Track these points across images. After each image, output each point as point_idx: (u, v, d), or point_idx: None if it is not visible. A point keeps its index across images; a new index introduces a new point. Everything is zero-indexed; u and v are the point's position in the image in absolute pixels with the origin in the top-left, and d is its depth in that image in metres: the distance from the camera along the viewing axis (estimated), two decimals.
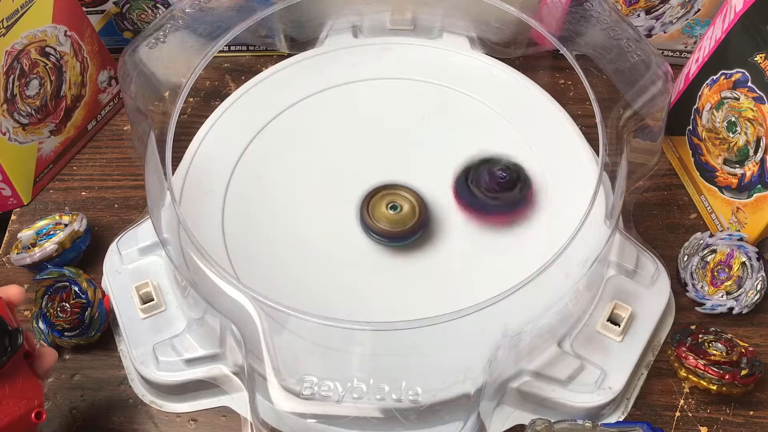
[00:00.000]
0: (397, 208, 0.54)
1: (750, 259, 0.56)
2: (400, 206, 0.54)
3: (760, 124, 0.54)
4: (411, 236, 0.54)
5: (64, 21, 0.62)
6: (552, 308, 0.48)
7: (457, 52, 0.66)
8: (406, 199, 0.55)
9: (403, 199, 0.55)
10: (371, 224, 0.54)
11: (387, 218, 0.54)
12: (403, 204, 0.55)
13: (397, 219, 0.54)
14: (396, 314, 0.47)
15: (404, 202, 0.55)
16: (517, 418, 0.52)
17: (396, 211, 0.54)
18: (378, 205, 0.55)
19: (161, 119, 0.56)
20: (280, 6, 0.62)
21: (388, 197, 0.55)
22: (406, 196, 0.55)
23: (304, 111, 0.62)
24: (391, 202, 0.55)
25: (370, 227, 0.54)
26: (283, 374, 0.46)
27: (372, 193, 0.55)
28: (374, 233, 0.54)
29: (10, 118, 0.60)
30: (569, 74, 0.70)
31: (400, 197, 0.55)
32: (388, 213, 0.54)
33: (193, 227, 0.51)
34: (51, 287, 0.55)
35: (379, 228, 0.54)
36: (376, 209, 0.54)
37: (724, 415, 0.52)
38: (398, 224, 0.54)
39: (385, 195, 0.55)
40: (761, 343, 0.56)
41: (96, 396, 0.54)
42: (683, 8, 0.67)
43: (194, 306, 0.52)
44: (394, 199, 0.55)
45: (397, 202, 0.55)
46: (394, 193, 0.55)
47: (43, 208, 0.64)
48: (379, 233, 0.54)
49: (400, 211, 0.54)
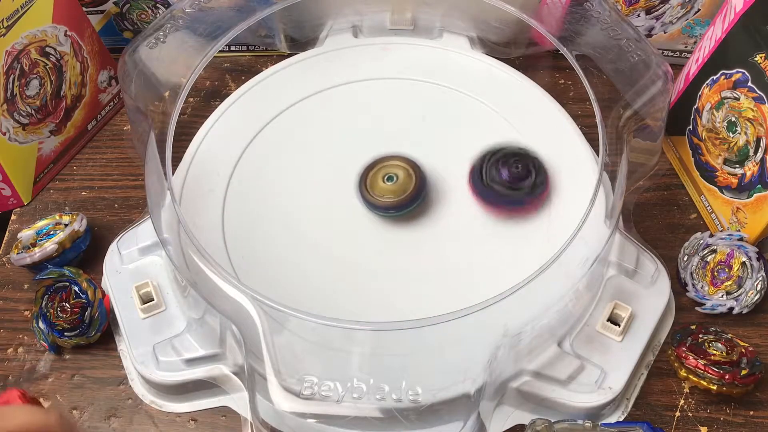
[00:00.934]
0: (393, 179, 0.55)
1: (750, 259, 0.56)
2: (396, 176, 0.55)
3: (760, 124, 0.54)
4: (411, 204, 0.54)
5: (64, 21, 0.62)
6: (552, 308, 0.48)
7: (457, 52, 0.66)
8: (401, 168, 0.55)
9: (398, 168, 0.55)
10: (372, 199, 0.54)
11: (385, 190, 0.54)
12: (399, 173, 0.55)
13: (395, 189, 0.54)
14: (396, 314, 0.47)
15: (400, 170, 0.55)
16: (517, 418, 0.52)
17: (393, 181, 0.55)
18: (375, 179, 0.55)
19: (161, 119, 0.56)
20: (280, 6, 0.62)
21: (383, 170, 0.56)
22: (402, 165, 0.56)
23: (304, 111, 0.62)
24: (386, 174, 0.55)
25: (371, 203, 0.54)
26: (283, 374, 0.46)
27: (366, 171, 0.56)
28: (377, 208, 0.55)
29: (10, 118, 0.60)
30: (569, 74, 0.70)
31: (394, 167, 0.56)
32: (385, 185, 0.55)
33: (193, 227, 0.51)
34: (51, 287, 0.55)
35: (381, 201, 0.54)
36: (374, 184, 0.55)
37: (724, 415, 0.52)
38: (396, 194, 0.54)
39: (380, 169, 0.56)
40: (761, 343, 0.56)
41: (96, 396, 0.54)
42: (683, 8, 0.67)
43: (194, 306, 0.52)
44: (388, 171, 0.55)
45: (393, 172, 0.55)
46: (389, 165, 0.56)
47: (43, 208, 0.64)
48: (382, 206, 0.54)
49: (396, 180, 0.55)
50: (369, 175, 0.56)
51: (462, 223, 0.56)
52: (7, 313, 0.58)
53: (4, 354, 0.56)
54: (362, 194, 0.55)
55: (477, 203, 0.56)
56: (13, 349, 0.56)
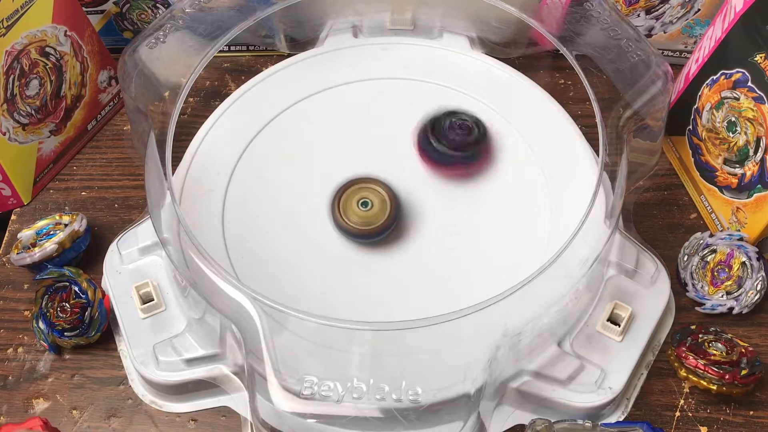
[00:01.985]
0: (368, 205, 0.54)
1: (750, 259, 0.56)
2: (371, 202, 0.54)
3: (760, 124, 0.54)
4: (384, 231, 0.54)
5: (64, 21, 0.62)
6: (552, 308, 0.48)
7: (457, 52, 0.66)
8: (377, 194, 0.55)
9: (374, 194, 0.55)
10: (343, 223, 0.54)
11: (359, 215, 0.54)
12: (374, 200, 0.54)
13: (370, 215, 0.54)
14: (396, 314, 0.47)
15: (375, 197, 0.54)
16: (517, 418, 0.52)
17: (367, 208, 0.54)
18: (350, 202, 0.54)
19: (161, 119, 0.56)
20: (280, 6, 0.62)
21: (360, 193, 0.55)
22: (379, 191, 0.55)
23: (304, 111, 0.62)
24: (362, 198, 0.54)
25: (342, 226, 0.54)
26: (283, 374, 0.46)
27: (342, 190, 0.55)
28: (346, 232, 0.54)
29: (10, 118, 0.60)
30: (569, 74, 0.70)
31: (372, 192, 0.55)
32: (359, 210, 0.54)
33: (193, 227, 0.51)
34: (51, 287, 0.55)
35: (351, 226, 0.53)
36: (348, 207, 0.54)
37: (724, 415, 0.52)
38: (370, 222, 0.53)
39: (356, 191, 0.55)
40: (761, 343, 0.56)
41: (96, 396, 0.54)
42: (683, 8, 0.67)
43: (194, 306, 0.52)
44: (366, 195, 0.55)
45: (369, 198, 0.54)
46: (367, 188, 0.55)
47: (43, 208, 0.64)
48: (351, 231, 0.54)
49: (371, 207, 0.54)
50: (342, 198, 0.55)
51: (462, 223, 0.56)
52: (7, 313, 0.58)
53: (4, 354, 0.56)
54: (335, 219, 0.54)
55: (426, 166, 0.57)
56: (13, 349, 0.56)
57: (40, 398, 0.54)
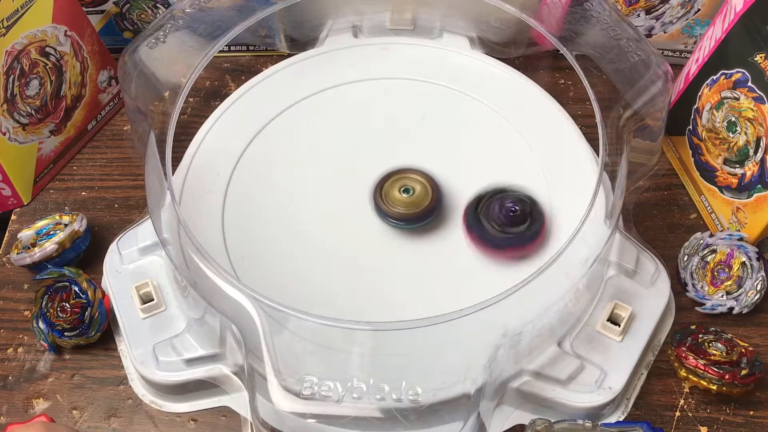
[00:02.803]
0: (410, 191, 0.55)
1: (750, 259, 0.56)
2: (413, 189, 0.55)
3: (760, 124, 0.54)
4: (427, 217, 0.55)
5: (64, 21, 0.62)
6: (552, 308, 0.48)
7: (457, 52, 0.66)
8: (417, 182, 0.56)
9: (414, 182, 0.56)
10: (387, 210, 0.55)
11: (402, 201, 0.55)
12: (416, 186, 0.55)
13: (414, 200, 0.55)
14: (396, 314, 0.47)
15: (416, 184, 0.55)
16: (517, 418, 0.52)
17: (409, 194, 0.55)
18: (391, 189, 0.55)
19: (161, 119, 0.56)
20: (280, 6, 0.62)
21: (400, 182, 0.56)
22: (418, 178, 0.56)
23: (304, 111, 0.62)
24: (403, 186, 0.55)
25: (385, 213, 0.55)
26: (283, 374, 0.46)
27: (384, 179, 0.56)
28: (390, 218, 0.55)
29: (10, 118, 0.60)
30: (569, 74, 0.70)
31: (411, 180, 0.56)
32: (402, 197, 0.55)
33: (193, 227, 0.51)
34: (51, 287, 0.55)
35: (395, 212, 0.54)
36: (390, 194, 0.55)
37: (724, 415, 0.52)
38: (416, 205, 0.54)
39: (397, 180, 0.56)
40: (761, 343, 0.56)
41: (96, 396, 0.54)
42: (683, 8, 0.67)
43: (194, 306, 0.52)
44: (405, 183, 0.56)
45: (409, 185, 0.55)
46: (405, 177, 0.56)
47: (43, 208, 0.64)
48: (396, 217, 0.54)
49: (413, 193, 0.55)
50: (385, 185, 0.56)
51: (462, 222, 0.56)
52: (7, 313, 0.58)
53: (4, 354, 0.56)
54: (376, 203, 0.55)
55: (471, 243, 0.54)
56: (13, 349, 0.56)
57: (40, 398, 0.54)
